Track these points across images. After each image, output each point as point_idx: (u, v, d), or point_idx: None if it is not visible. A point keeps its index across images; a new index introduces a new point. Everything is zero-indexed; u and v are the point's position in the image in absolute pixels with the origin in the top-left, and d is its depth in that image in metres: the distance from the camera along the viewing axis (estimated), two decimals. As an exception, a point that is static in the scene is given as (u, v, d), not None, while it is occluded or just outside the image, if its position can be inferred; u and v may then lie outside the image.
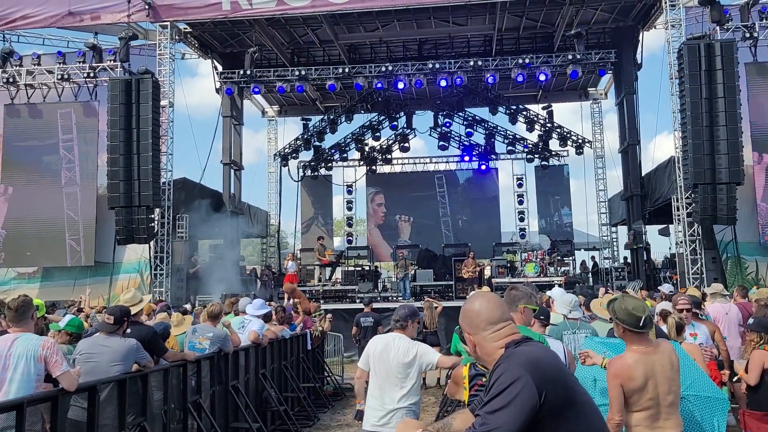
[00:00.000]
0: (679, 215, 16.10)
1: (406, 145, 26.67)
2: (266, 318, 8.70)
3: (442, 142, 25.90)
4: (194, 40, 20.41)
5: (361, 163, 27.50)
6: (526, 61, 17.79)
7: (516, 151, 26.51)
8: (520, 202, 26.56)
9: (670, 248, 21.30)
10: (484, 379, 3.13)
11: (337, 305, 16.32)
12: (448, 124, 25.41)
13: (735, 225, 15.16)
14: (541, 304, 5.60)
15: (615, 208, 24.20)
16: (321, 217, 27.61)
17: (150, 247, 17.36)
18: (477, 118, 25.37)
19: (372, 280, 18.44)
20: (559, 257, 19.28)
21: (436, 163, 28.14)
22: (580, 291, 14.45)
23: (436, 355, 4.53)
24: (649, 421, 3.45)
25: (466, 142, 26.45)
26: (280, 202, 26.00)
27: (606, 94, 25.54)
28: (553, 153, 25.84)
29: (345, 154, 27.08)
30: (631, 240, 19.99)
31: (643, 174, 20.87)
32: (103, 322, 5.44)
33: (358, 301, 16.32)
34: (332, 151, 26.60)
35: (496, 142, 26.05)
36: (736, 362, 6.29)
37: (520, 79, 18.43)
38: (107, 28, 18.64)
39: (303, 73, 18.62)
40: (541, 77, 18.26)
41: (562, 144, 25.02)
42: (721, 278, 14.90)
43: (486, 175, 26.97)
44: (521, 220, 26.43)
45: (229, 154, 21.63)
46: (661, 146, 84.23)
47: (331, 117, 24.31)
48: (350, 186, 27.80)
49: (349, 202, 27.75)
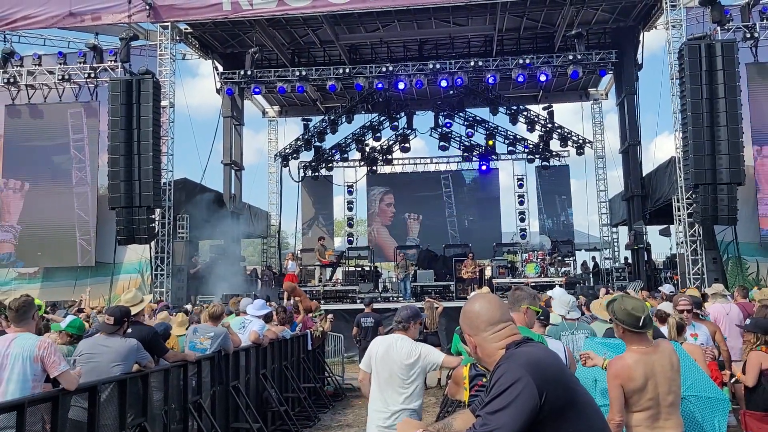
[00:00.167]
0: (679, 215, 16.10)
1: (407, 145, 26.70)
2: (267, 318, 8.72)
3: (442, 143, 25.90)
4: (195, 41, 20.39)
5: (362, 163, 27.50)
6: (527, 62, 17.78)
7: (517, 151, 26.53)
8: (521, 203, 26.55)
9: (670, 249, 21.31)
10: (485, 380, 3.13)
11: (337, 306, 16.33)
12: (448, 125, 25.41)
13: (736, 225, 15.15)
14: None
15: (616, 209, 24.18)
16: (321, 217, 27.63)
17: (151, 248, 17.36)
18: (477, 118, 25.37)
19: (372, 281, 18.43)
20: (559, 258, 19.29)
21: (437, 163, 28.16)
22: (581, 291, 14.48)
23: (441, 355, 4.48)
24: (649, 422, 3.45)
25: (467, 143, 26.46)
26: (280, 202, 26.11)
27: (606, 95, 25.51)
28: (554, 153, 25.85)
29: (345, 155, 27.08)
30: (632, 240, 19.98)
31: (644, 174, 20.86)
32: (103, 323, 5.43)
33: (358, 302, 16.30)
34: (333, 151, 26.62)
35: (496, 142, 26.06)
36: (734, 363, 6.28)
37: (521, 79, 18.41)
38: (108, 29, 18.65)
39: (303, 73, 18.61)
40: (542, 77, 18.22)
41: (563, 144, 25.03)
42: (721, 279, 14.90)
43: (488, 175, 27.00)
44: (522, 220, 26.42)
45: (230, 155, 21.65)
46: (662, 146, 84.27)
47: (332, 117, 24.32)
48: (351, 186, 27.79)
49: (350, 202, 27.76)
